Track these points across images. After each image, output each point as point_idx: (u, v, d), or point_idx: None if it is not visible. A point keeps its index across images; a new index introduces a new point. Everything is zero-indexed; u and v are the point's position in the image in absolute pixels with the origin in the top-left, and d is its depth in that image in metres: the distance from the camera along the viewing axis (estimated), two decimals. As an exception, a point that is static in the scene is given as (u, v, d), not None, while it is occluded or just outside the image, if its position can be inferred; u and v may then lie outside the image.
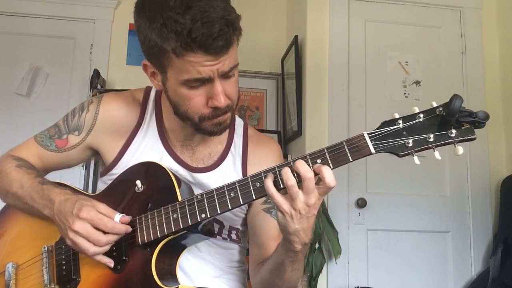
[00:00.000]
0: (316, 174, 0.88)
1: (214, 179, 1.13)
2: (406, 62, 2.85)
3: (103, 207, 1.00)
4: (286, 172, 0.88)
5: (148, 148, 1.16)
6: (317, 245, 2.46)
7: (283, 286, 1.06)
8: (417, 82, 2.84)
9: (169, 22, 0.91)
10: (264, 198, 1.10)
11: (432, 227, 2.71)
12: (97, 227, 0.98)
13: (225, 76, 0.99)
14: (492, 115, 0.84)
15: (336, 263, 2.53)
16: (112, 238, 0.99)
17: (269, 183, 0.89)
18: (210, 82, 0.98)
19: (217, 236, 1.17)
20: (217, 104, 0.99)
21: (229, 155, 1.18)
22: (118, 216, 1.00)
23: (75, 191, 1.11)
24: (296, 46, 2.87)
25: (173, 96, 1.04)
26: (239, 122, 1.25)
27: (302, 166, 0.87)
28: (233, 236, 1.20)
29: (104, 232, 0.98)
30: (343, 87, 2.76)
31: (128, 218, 1.01)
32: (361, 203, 2.65)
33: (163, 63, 0.98)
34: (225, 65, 0.96)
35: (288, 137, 3.04)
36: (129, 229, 1.01)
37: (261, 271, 1.11)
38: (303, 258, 1.03)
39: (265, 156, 1.19)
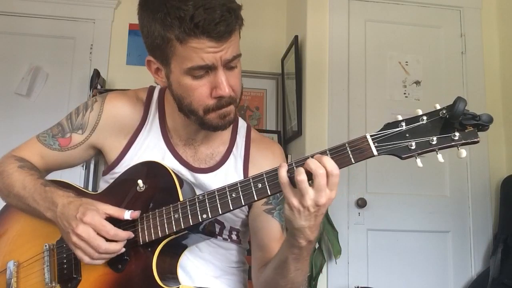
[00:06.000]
0: None
1: (216, 180, 1.13)
2: (406, 62, 2.85)
3: (109, 208, 1.00)
4: (299, 169, 0.87)
5: (150, 147, 1.15)
6: (317, 245, 2.47)
7: (286, 286, 1.05)
8: (417, 82, 2.84)
9: (172, 10, 0.94)
10: (265, 199, 1.10)
11: (432, 227, 2.71)
12: (100, 233, 0.97)
13: (228, 66, 1.00)
14: (492, 115, 0.84)
15: (336, 263, 2.54)
16: (115, 246, 0.98)
17: (283, 172, 0.89)
18: (214, 71, 0.99)
19: (218, 237, 1.16)
20: (221, 93, 0.99)
21: (231, 156, 1.18)
22: (127, 213, 1.00)
23: (77, 191, 1.11)
24: (296, 46, 2.87)
25: (177, 90, 1.04)
26: (242, 124, 1.24)
27: (313, 163, 0.86)
28: (234, 237, 1.20)
29: (107, 240, 0.98)
30: (343, 87, 2.76)
31: (137, 213, 1.01)
32: (361, 203, 2.65)
33: (166, 54, 0.99)
34: (228, 53, 0.98)
35: (288, 137, 3.04)
36: (131, 235, 1.01)
37: (264, 271, 1.10)
38: (308, 258, 1.01)
39: (267, 158, 1.18)
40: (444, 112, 0.84)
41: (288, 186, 0.88)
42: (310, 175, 0.87)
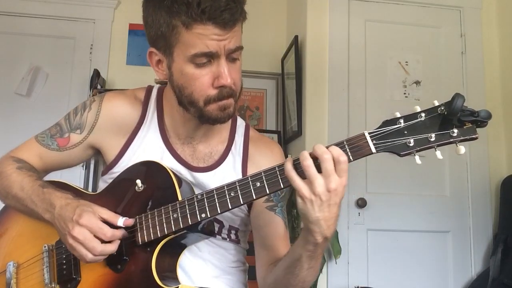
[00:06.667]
0: None
1: (214, 179, 1.13)
2: (406, 62, 2.85)
3: (105, 212, 1.00)
4: (303, 153, 0.87)
5: (149, 146, 1.15)
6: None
7: (297, 286, 1.03)
8: (417, 82, 2.84)
9: None
10: (265, 197, 1.10)
11: (432, 227, 2.71)
12: (96, 235, 0.97)
13: (230, 58, 1.02)
14: (492, 115, 0.83)
15: (336, 263, 2.53)
16: (110, 248, 0.99)
17: (288, 165, 0.89)
18: (216, 60, 1.00)
19: (217, 236, 1.16)
20: (223, 82, 1.00)
21: (230, 155, 1.18)
22: (121, 220, 1.00)
23: (76, 192, 1.11)
24: (296, 46, 2.87)
25: (178, 80, 1.04)
26: (240, 123, 1.24)
27: (319, 148, 0.87)
28: (233, 236, 1.19)
29: (103, 241, 0.98)
30: (343, 87, 2.76)
31: (131, 221, 1.01)
32: (361, 203, 2.65)
33: (170, 42, 1.01)
34: (231, 43, 0.99)
35: (288, 137, 3.04)
36: (126, 234, 1.01)
37: (274, 271, 1.08)
38: (321, 257, 0.99)
39: (266, 157, 1.18)
40: (443, 108, 0.84)
41: (296, 178, 0.88)
42: (317, 167, 0.86)
